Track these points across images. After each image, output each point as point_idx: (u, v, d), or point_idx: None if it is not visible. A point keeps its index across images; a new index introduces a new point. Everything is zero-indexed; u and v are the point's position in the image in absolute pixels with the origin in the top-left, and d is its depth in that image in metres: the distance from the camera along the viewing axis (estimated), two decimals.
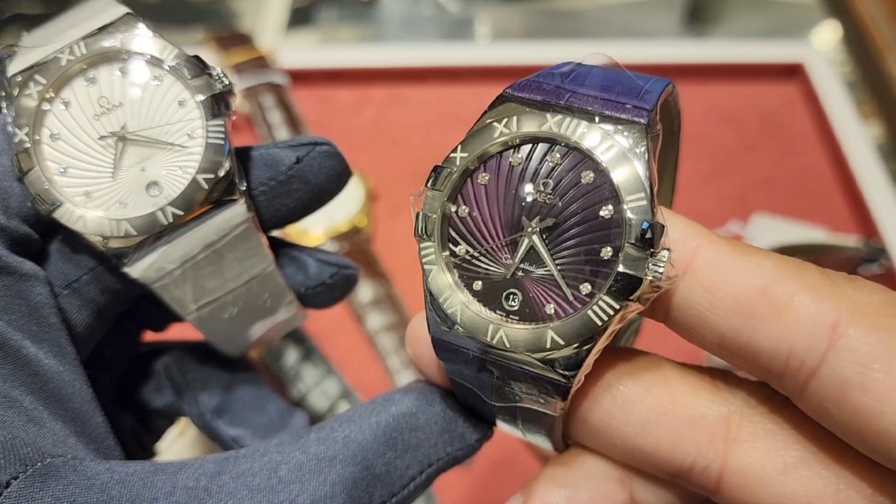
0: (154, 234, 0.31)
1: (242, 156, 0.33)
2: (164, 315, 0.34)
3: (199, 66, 0.31)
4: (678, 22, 1.09)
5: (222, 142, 0.31)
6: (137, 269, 0.31)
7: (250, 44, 0.89)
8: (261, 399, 0.38)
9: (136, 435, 0.37)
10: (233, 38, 0.89)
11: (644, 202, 0.25)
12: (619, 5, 1.10)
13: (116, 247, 0.30)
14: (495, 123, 0.27)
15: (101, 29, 0.31)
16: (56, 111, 0.31)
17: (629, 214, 0.25)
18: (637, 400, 0.27)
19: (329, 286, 0.35)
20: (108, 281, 0.32)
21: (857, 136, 0.82)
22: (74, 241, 0.31)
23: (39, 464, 0.25)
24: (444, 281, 0.27)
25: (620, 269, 0.25)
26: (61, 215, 0.30)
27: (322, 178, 0.33)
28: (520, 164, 0.27)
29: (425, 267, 0.27)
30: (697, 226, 0.26)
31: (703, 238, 0.25)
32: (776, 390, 0.26)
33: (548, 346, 0.26)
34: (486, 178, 0.27)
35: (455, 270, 0.27)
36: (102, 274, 0.32)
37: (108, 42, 0.31)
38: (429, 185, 0.28)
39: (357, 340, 0.72)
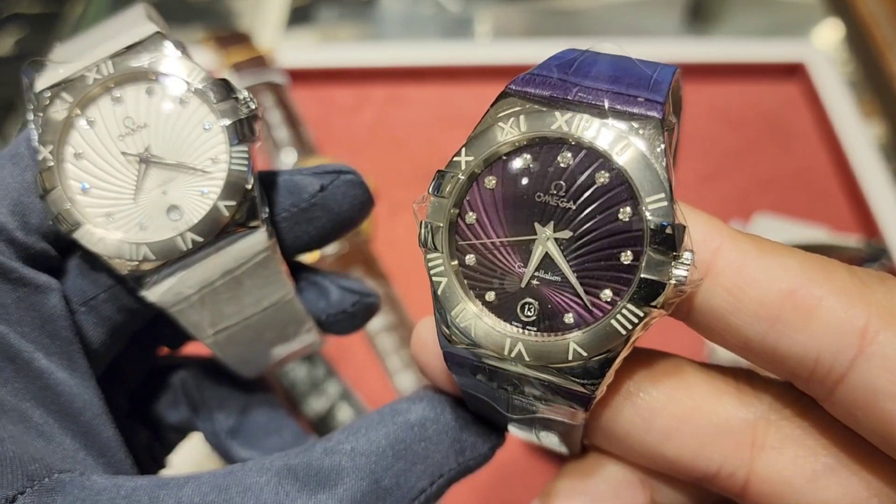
0: (173, 259, 0.30)
1: (265, 181, 0.32)
2: (181, 333, 0.34)
3: (225, 90, 0.31)
4: (679, 21, 1.09)
5: (245, 168, 0.31)
6: (155, 294, 0.31)
7: (249, 43, 0.89)
8: (276, 422, 0.38)
9: (149, 448, 0.36)
10: (232, 38, 0.89)
11: (665, 203, 0.23)
12: (620, 4, 1.10)
13: (134, 269, 0.30)
14: (501, 123, 0.25)
15: (130, 47, 0.31)
16: (81, 129, 0.31)
17: (650, 216, 0.23)
18: (659, 408, 0.26)
19: (350, 314, 0.35)
20: (126, 300, 0.32)
21: (858, 136, 0.82)
22: (93, 260, 0.31)
23: (46, 479, 0.25)
24: (455, 293, 0.25)
25: (643, 274, 0.23)
26: (81, 236, 0.30)
27: (345, 207, 0.33)
28: (529, 166, 0.25)
29: (434, 279, 0.26)
30: (717, 223, 0.25)
31: (724, 237, 0.24)
32: (803, 392, 0.25)
33: (570, 357, 0.24)
34: (493, 181, 0.25)
35: (465, 281, 0.26)
36: (120, 293, 0.31)
37: (136, 62, 0.31)
38: (431, 191, 0.26)
39: (357, 341, 0.72)
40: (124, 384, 0.36)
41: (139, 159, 0.31)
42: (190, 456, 0.59)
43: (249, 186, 0.30)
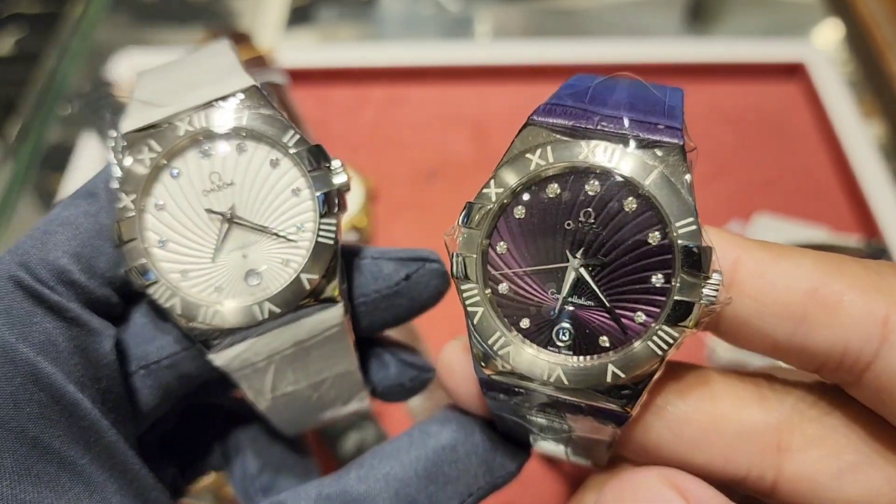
0: (247, 327, 0.29)
1: (348, 257, 0.32)
2: (229, 388, 0.33)
3: (319, 157, 0.30)
4: (679, 21, 1.09)
5: (332, 241, 0.29)
6: (222, 358, 0.30)
7: (249, 43, 0.88)
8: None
9: (174, 483, 0.36)
10: (232, 37, 0.89)
11: (694, 227, 0.25)
12: (620, 4, 1.10)
13: (205, 332, 0.29)
14: (528, 155, 0.26)
15: (225, 99, 0.30)
16: (165, 181, 0.29)
17: (680, 241, 0.25)
18: (687, 419, 0.27)
19: (406, 388, 0.35)
20: (186, 367, 0.31)
21: (858, 136, 0.82)
22: (161, 317, 0.30)
23: None
24: (491, 322, 0.26)
25: (677, 297, 0.25)
26: (155, 292, 0.28)
27: (426, 297, 0.32)
28: (557, 195, 0.26)
29: (469, 309, 0.26)
30: (731, 235, 0.26)
31: (740, 248, 0.25)
32: (823, 392, 0.27)
33: (608, 379, 0.25)
34: (522, 211, 0.26)
35: (499, 309, 0.26)
36: (181, 361, 0.30)
37: (230, 116, 0.29)
38: (461, 222, 0.27)
39: None
40: (159, 427, 0.35)
41: (223, 218, 0.29)
42: None
43: (334, 260, 0.29)
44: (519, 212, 0.26)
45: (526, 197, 0.26)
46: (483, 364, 0.26)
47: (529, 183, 0.26)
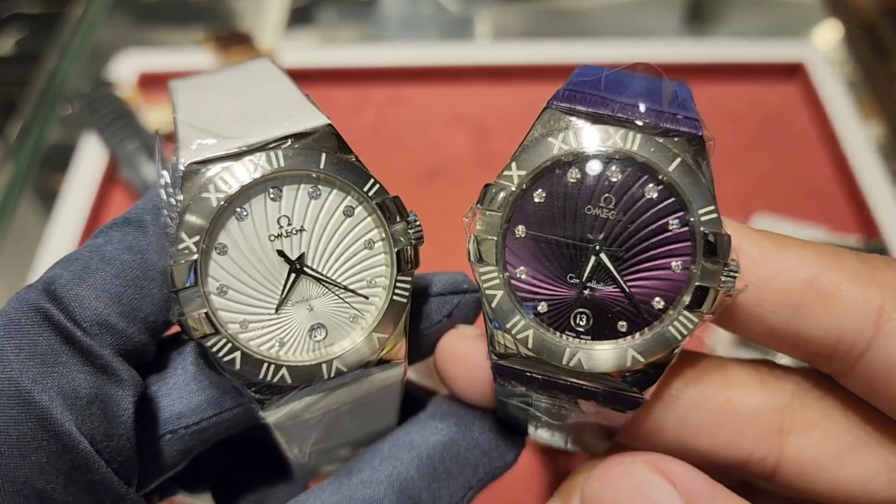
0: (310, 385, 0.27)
1: None
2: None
3: (398, 210, 0.28)
4: (679, 21, 1.09)
5: (406, 300, 0.27)
6: (275, 416, 0.27)
7: (250, 43, 0.89)
8: None
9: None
10: (232, 38, 0.89)
11: (715, 215, 0.25)
12: (620, 4, 1.10)
13: (264, 389, 0.26)
14: (550, 139, 0.26)
15: (298, 136, 0.27)
16: (230, 222, 0.26)
17: (702, 228, 0.25)
18: (692, 405, 0.27)
19: None
20: (216, 431, 0.28)
21: (857, 136, 0.82)
22: (209, 369, 0.28)
23: None
24: (510, 305, 0.26)
25: (698, 283, 0.25)
26: (214, 344, 0.26)
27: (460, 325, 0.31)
28: (578, 179, 0.26)
29: (488, 292, 0.26)
30: (733, 222, 0.26)
31: (743, 236, 0.26)
32: (820, 378, 0.27)
33: (628, 364, 0.25)
34: (543, 195, 0.26)
35: (517, 293, 0.26)
36: (214, 425, 0.28)
37: (310, 160, 0.26)
38: (480, 205, 0.26)
39: None
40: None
41: (290, 267, 0.27)
42: None
43: (405, 318, 0.27)
44: (539, 196, 0.26)
45: (546, 181, 0.26)
46: (498, 349, 0.26)
47: (551, 167, 0.26)
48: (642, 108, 0.26)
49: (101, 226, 0.28)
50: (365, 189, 0.27)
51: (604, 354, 0.25)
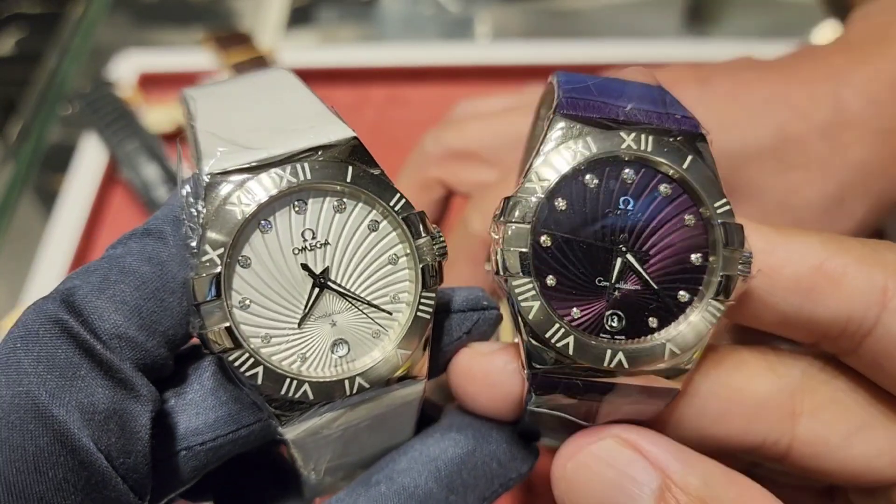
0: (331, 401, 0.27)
1: None
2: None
3: (423, 224, 0.27)
4: (679, 22, 1.09)
5: (430, 317, 0.27)
6: (294, 432, 0.27)
7: (250, 43, 0.89)
8: None
9: None
10: (232, 38, 0.89)
11: (728, 207, 0.26)
12: (620, 4, 1.10)
13: (284, 405, 0.26)
14: (568, 147, 0.27)
15: (323, 149, 0.26)
16: (253, 234, 0.26)
17: (719, 220, 0.26)
18: (709, 394, 0.28)
19: None
20: (232, 448, 0.28)
21: None
22: (228, 384, 0.27)
23: None
24: (547, 315, 0.26)
25: (722, 272, 0.26)
26: (237, 360, 0.25)
27: (477, 341, 0.31)
28: (596, 185, 0.27)
29: (524, 304, 0.26)
30: (739, 216, 0.27)
31: (749, 229, 0.27)
32: (827, 359, 0.29)
33: (667, 356, 0.26)
34: (564, 203, 0.27)
35: (551, 302, 0.27)
36: (230, 442, 0.28)
37: (337, 173, 0.26)
38: (502, 218, 0.26)
39: None
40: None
41: (314, 282, 0.26)
42: None
43: (428, 335, 0.27)
44: (561, 204, 0.27)
45: (566, 189, 0.27)
46: (538, 360, 0.27)
47: (571, 175, 0.27)
48: (643, 110, 0.27)
49: (107, 231, 0.28)
50: (391, 204, 0.27)
51: (643, 351, 0.26)
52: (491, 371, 0.29)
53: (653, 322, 0.27)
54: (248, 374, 0.25)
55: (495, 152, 0.52)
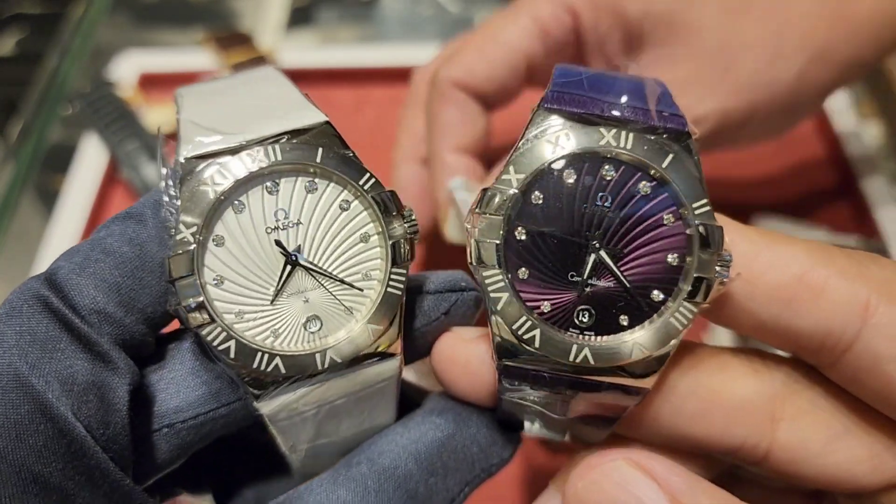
0: (303, 376, 0.27)
1: None
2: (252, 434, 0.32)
3: (393, 202, 0.28)
4: None
5: (400, 292, 0.28)
6: (269, 406, 0.28)
7: (250, 44, 0.89)
8: None
9: None
10: (232, 38, 0.89)
11: (708, 208, 0.26)
12: None
13: (256, 379, 0.27)
14: (545, 141, 0.27)
15: (296, 132, 0.28)
16: (227, 214, 0.27)
17: (697, 221, 0.26)
18: (687, 394, 0.28)
19: None
20: (214, 426, 0.29)
21: (857, 136, 0.82)
22: (207, 360, 0.28)
23: None
24: (515, 307, 0.27)
25: (696, 274, 0.26)
26: (209, 333, 0.26)
27: (460, 325, 0.32)
28: (574, 180, 0.26)
29: (493, 295, 0.27)
30: (725, 219, 0.27)
31: (734, 231, 0.27)
32: (809, 366, 0.28)
33: (634, 356, 0.26)
34: (541, 197, 0.27)
35: (521, 294, 0.27)
36: (212, 420, 0.28)
37: (301, 152, 0.27)
38: (478, 210, 0.27)
39: None
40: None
41: (286, 259, 0.27)
42: None
43: (399, 311, 0.28)
44: (537, 198, 0.27)
45: (543, 183, 0.27)
46: (506, 350, 0.27)
47: (547, 169, 0.27)
48: (630, 107, 0.27)
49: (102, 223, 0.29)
50: (361, 183, 0.28)
51: (607, 348, 0.26)
52: (471, 358, 0.30)
53: (624, 320, 0.26)
54: (220, 347, 0.26)
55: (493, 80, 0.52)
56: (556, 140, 0.26)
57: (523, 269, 0.27)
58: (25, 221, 0.82)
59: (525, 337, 0.26)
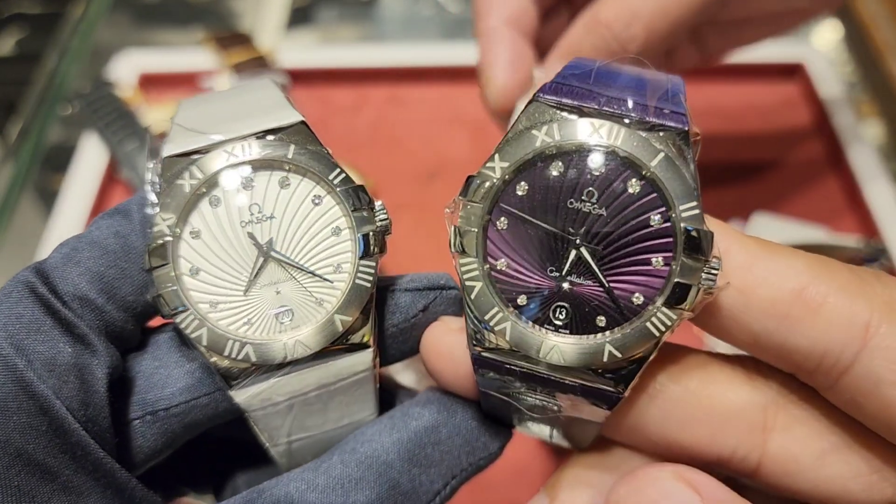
0: (274, 364, 0.28)
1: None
2: (238, 429, 0.32)
3: (362, 197, 0.29)
4: None
5: (369, 284, 0.29)
6: (242, 395, 0.29)
7: (250, 43, 0.89)
8: None
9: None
10: (232, 38, 0.89)
11: (697, 211, 0.25)
12: None
13: (230, 366, 0.28)
14: (534, 131, 0.26)
15: (272, 131, 0.29)
16: (203, 208, 0.28)
17: (683, 224, 0.25)
18: (677, 399, 0.27)
19: None
20: (197, 416, 0.29)
21: (857, 136, 0.82)
22: (185, 348, 0.29)
23: None
24: (488, 297, 0.26)
25: (677, 279, 0.24)
26: (182, 321, 0.28)
27: None
28: (561, 173, 0.26)
29: (467, 283, 0.26)
30: (725, 226, 0.26)
31: (732, 240, 0.25)
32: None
33: (605, 359, 0.25)
34: (525, 188, 0.26)
35: (497, 285, 0.26)
36: (193, 409, 0.29)
37: (277, 149, 0.28)
38: (463, 196, 0.26)
39: None
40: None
41: (259, 252, 0.28)
42: None
43: (369, 303, 0.29)
44: (521, 188, 0.26)
45: (529, 174, 0.26)
46: (478, 340, 0.26)
47: (533, 160, 0.26)
48: (629, 102, 0.26)
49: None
50: (331, 178, 0.29)
51: (579, 348, 0.25)
52: (454, 347, 0.29)
53: (601, 321, 0.25)
54: (193, 335, 0.28)
55: None
56: (544, 131, 0.26)
57: (503, 259, 0.26)
58: (25, 221, 0.82)
59: (496, 328, 0.26)
